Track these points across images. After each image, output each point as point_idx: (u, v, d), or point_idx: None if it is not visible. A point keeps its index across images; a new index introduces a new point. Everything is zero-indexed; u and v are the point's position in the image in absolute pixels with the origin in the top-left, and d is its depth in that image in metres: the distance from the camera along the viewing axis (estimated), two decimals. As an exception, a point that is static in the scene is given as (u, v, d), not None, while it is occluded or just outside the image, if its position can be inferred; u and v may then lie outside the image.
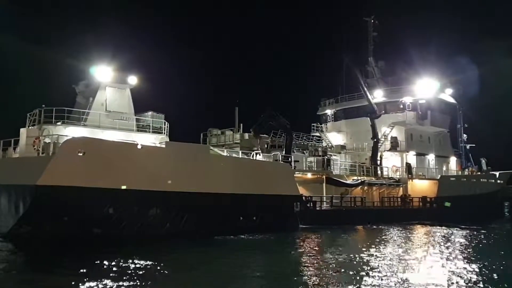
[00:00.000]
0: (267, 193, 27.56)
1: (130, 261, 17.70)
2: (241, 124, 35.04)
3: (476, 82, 54.05)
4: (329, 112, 49.51)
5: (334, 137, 48.12)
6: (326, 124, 49.49)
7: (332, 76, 46.90)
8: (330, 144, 45.73)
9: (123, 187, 22.11)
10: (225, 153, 27.73)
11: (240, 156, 28.26)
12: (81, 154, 20.64)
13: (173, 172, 23.58)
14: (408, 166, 41.38)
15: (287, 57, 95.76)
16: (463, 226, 34.40)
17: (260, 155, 29.51)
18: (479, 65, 60.03)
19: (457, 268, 17.80)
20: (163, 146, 24.07)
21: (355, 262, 18.81)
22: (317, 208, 31.84)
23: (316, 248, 23.32)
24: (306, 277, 16.02)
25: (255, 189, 27.07)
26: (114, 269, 16.41)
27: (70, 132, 23.95)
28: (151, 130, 27.91)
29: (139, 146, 22.72)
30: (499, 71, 64.72)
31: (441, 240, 27.67)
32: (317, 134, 48.25)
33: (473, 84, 52.67)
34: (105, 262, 17.07)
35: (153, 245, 20.74)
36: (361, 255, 20.60)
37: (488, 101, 68.23)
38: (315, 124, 48.88)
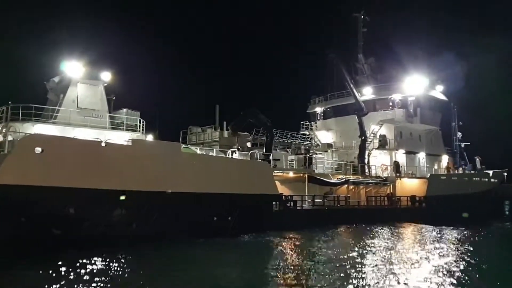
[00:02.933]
0: (243, 192, 26.67)
1: (92, 264, 17.17)
2: (224, 122, 34.23)
3: (465, 77, 53.16)
4: (318, 110, 48.64)
5: (324, 136, 47.26)
6: (316, 122, 48.60)
7: (323, 74, 45.63)
8: (318, 143, 44.85)
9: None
10: (198, 151, 26.86)
11: (215, 154, 27.37)
12: (39, 152, 19.82)
13: (140, 171, 22.75)
14: (396, 164, 40.44)
15: (278, 53, 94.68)
16: (453, 226, 33.58)
17: (236, 153, 28.63)
18: (472, 62, 59.17)
19: (442, 269, 17.29)
20: (130, 143, 23.17)
21: (331, 266, 18.11)
22: (298, 208, 30.92)
23: (293, 250, 22.49)
24: (280, 283, 15.32)
25: (229, 188, 26.21)
26: (75, 271, 15.82)
27: (39, 130, 23.25)
28: (125, 127, 27.14)
29: (103, 144, 21.89)
30: (492, 69, 63.81)
31: (424, 240, 26.91)
32: (306, 132, 47.39)
33: (462, 79, 51.75)
34: (66, 264, 16.50)
35: (118, 247, 20.02)
36: (340, 257, 19.97)
37: (483, 100, 67.37)
38: (304, 122, 48.01)
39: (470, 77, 55.60)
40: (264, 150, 31.44)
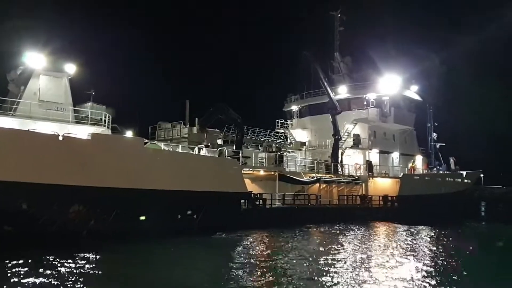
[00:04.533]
0: (209, 190, 26.12)
1: (46, 263, 16.32)
2: (196, 119, 33.52)
3: (438, 74, 53.59)
4: (294, 108, 48.34)
5: (299, 134, 46.95)
6: (292, 121, 48.27)
7: (300, 72, 45.13)
8: (293, 141, 44.50)
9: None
10: (162, 147, 26.19)
11: (180, 151, 26.71)
12: (-12, 145, 18.97)
13: (100, 166, 22.01)
14: (369, 163, 40.29)
15: (257, 51, 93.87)
16: (424, 226, 33.61)
17: (203, 149, 28.01)
18: (446, 61, 59.71)
19: (410, 269, 17.11)
20: (89, 138, 22.38)
21: (300, 266, 17.69)
22: (267, 206, 30.44)
23: (260, 250, 21.93)
24: (242, 283, 14.83)
25: (195, 185, 25.63)
26: (27, 272, 14.94)
27: (-3, 122, 22.32)
28: (89, 122, 26.34)
29: (60, 138, 21.09)
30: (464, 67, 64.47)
31: (393, 239, 26.77)
32: (282, 130, 47.00)
33: (435, 75, 52.12)
34: (16, 265, 15.71)
35: (75, 245, 19.32)
36: (308, 257, 19.53)
37: (458, 100, 68.03)
38: (279, 121, 47.60)
39: (443, 76, 56.13)
40: (234, 147, 30.90)
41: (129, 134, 32.12)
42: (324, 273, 15.99)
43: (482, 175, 61.99)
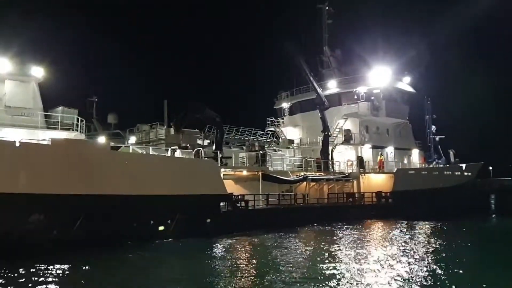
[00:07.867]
0: (184, 193, 24.94)
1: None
2: (177, 119, 32.42)
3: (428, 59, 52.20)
4: (285, 105, 47.07)
5: (291, 132, 45.68)
6: (283, 118, 46.99)
7: (291, 68, 43.77)
8: (284, 139, 43.24)
9: None
10: (131, 150, 25.12)
11: (150, 153, 25.61)
12: None
13: (61, 172, 20.95)
14: (360, 159, 38.85)
15: (248, 46, 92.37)
16: (416, 222, 32.43)
17: (176, 151, 26.85)
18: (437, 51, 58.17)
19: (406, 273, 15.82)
20: (49, 143, 21.36)
21: (280, 271, 16.45)
22: (250, 208, 29.15)
23: (241, 256, 20.61)
24: None
25: (168, 189, 24.48)
26: None
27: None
28: (59, 126, 25.45)
29: (17, 144, 20.10)
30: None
31: (383, 239, 25.46)
32: (273, 129, 45.71)
33: (425, 60, 50.73)
34: None
35: (37, 256, 18.15)
36: (289, 260, 18.55)
37: (461, 93, 66.37)
38: (269, 119, 46.31)
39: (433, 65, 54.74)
40: (213, 147, 29.75)
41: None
42: (304, 279, 14.96)
43: (491, 168, 60.18)
